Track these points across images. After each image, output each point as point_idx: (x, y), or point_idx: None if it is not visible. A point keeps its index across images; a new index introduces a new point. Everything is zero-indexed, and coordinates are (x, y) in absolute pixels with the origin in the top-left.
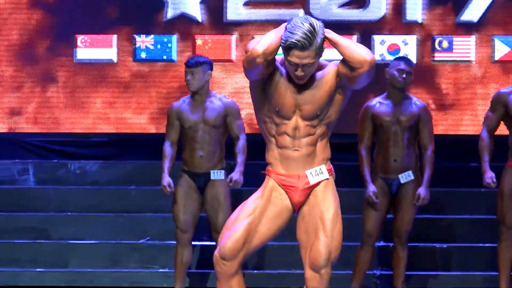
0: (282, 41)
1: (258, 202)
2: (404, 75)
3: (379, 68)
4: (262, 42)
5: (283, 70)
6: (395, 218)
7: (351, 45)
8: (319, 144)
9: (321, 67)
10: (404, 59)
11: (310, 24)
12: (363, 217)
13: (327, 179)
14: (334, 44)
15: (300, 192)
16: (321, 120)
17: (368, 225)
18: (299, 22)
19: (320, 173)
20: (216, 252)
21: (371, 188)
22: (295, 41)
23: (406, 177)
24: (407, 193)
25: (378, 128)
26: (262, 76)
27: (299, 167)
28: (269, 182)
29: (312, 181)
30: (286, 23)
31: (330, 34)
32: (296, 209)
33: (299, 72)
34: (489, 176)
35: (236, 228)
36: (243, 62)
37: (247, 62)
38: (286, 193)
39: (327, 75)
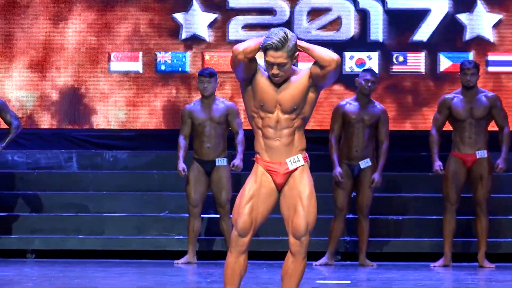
0: (261, 44)
1: (255, 188)
2: (369, 84)
3: (350, 77)
4: (243, 44)
5: (265, 73)
6: (357, 196)
7: (320, 49)
8: (296, 136)
9: (296, 73)
10: (370, 71)
11: (284, 32)
12: (334, 195)
13: (303, 165)
14: (306, 50)
15: (281, 176)
16: (298, 114)
17: (338, 201)
18: (275, 30)
19: (297, 160)
20: (234, 232)
21: (338, 169)
22: (270, 43)
23: (365, 163)
24: (366, 176)
25: (346, 124)
26: (248, 74)
27: (281, 155)
28: (259, 169)
29: (291, 167)
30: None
31: (302, 43)
32: (279, 189)
33: (275, 70)
34: (438, 164)
35: (244, 212)
36: (230, 62)
37: (232, 61)
38: (271, 177)
39: (302, 77)
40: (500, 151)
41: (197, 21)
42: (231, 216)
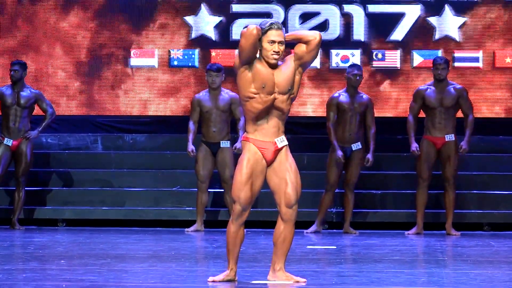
0: (262, 27)
1: (250, 165)
2: (357, 78)
3: (336, 72)
4: (251, 25)
5: (260, 61)
6: (346, 173)
7: (303, 31)
8: (282, 119)
9: (282, 60)
10: (356, 66)
11: (275, 20)
12: (327, 173)
13: (287, 144)
14: (294, 39)
15: (271, 153)
16: (290, 95)
17: (331, 178)
18: (267, 20)
19: (283, 140)
20: (237, 207)
21: (339, 152)
22: (274, 23)
23: (356, 146)
24: (356, 156)
25: (340, 112)
26: (255, 52)
27: (270, 136)
28: (251, 147)
29: (279, 146)
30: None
31: (288, 35)
32: (268, 164)
33: (277, 48)
34: (414, 146)
35: (244, 189)
36: (241, 41)
37: (246, 38)
38: (262, 154)
39: (289, 62)
40: (464, 135)
41: (205, 23)
42: None
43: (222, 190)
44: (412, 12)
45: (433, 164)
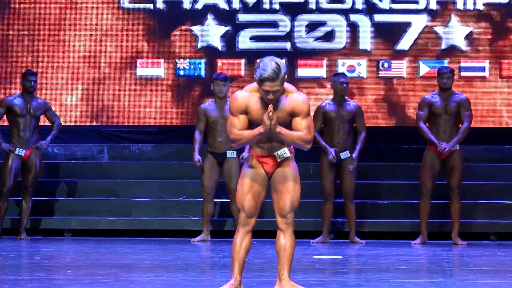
0: (257, 76)
1: (252, 176)
2: (344, 85)
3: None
4: (238, 141)
5: (253, 99)
6: (341, 183)
7: (294, 137)
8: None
9: (286, 91)
10: (342, 74)
11: (276, 63)
12: (322, 182)
13: (289, 156)
14: (282, 136)
15: (271, 166)
16: (287, 126)
17: (326, 187)
18: (268, 62)
19: (284, 153)
20: (242, 215)
21: (331, 150)
22: (266, 76)
23: (345, 154)
24: (346, 165)
25: (327, 121)
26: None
27: (273, 150)
28: (253, 160)
29: (279, 160)
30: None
31: (281, 129)
32: (269, 176)
33: (271, 96)
34: (440, 144)
35: (249, 198)
36: (228, 129)
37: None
38: (262, 167)
39: (287, 107)
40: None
41: (211, 33)
42: None
43: (229, 200)
44: (419, 22)
45: (437, 175)
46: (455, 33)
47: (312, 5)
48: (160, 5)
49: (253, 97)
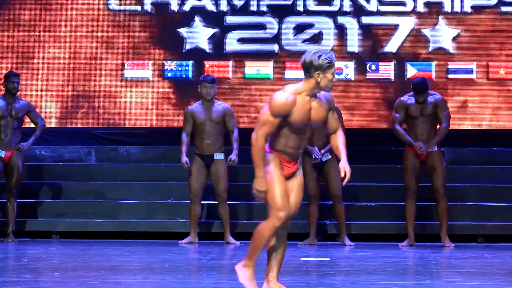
0: (327, 61)
1: (283, 181)
2: None
3: None
4: (252, 145)
5: (300, 100)
6: (328, 186)
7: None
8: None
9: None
10: None
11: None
12: (306, 185)
13: (301, 164)
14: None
15: (290, 172)
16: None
17: (310, 189)
18: (321, 49)
19: (300, 162)
20: (277, 225)
21: (316, 150)
22: (334, 60)
23: (326, 156)
24: (329, 166)
25: None
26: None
27: (296, 158)
28: (278, 162)
29: (298, 166)
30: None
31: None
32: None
33: (334, 82)
34: (417, 144)
35: (288, 209)
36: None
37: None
38: (283, 169)
39: (325, 103)
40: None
41: (199, 35)
42: (234, 203)
43: (216, 202)
44: (406, 24)
45: (420, 175)
46: (443, 35)
47: (300, 7)
48: (148, 7)
49: (298, 99)
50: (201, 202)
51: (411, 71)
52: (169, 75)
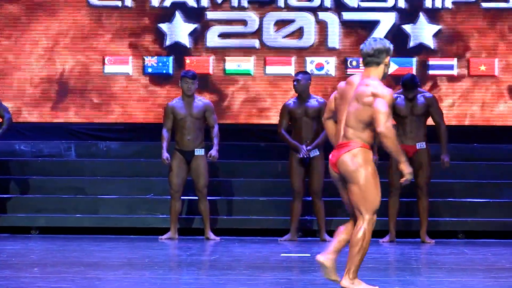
0: (391, 50)
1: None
2: (295, 83)
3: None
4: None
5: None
6: (310, 181)
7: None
8: None
9: None
10: (301, 72)
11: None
12: (291, 180)
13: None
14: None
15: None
16: None
17: (295, 185)
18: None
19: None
20: (375, 219)
21: (302, 147)
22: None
23: (313, 152)
24: (316, 163)
25: (293, 119)
26: None
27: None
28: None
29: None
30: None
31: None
32: None
33: None
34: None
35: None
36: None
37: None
38: None
39: None
40: (441, 146)
41: (179, 30)
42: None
43: (196, 198)
44: (387, 20)
45: None
46: (424, 31)
47: (281, 3)
48: (129, 2)
49: None
50: (181, 198)
51: (391, 67)
52: (150, 70)
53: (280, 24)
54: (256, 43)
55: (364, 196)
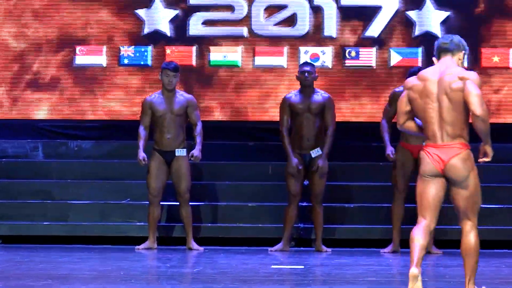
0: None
1: None
2: (306, 75)
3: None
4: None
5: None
6: (310, 184)
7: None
8: None
9: None
10: (306, 63)
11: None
12: (287, 183)
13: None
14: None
15: None
16: None
17: (292, 188)
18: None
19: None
20: None
21: (294, 160)
22: None
23: (315, 152)
24: (318, 164)
25: (294, 114)
26: None
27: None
28: None
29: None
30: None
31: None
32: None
33: None
34: (390, 149)
35: None
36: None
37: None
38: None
39: None
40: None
41: (159, 17)
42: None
43: (177, 203)
44: (390, 6)
45: (410, 174)
46: (430, 18)
47: None
48: None
49: None
50: (161, 203)
51: (395, 58)
52: (126, 61)
53: (271, 10)
54: (244, 31)
55: (474, 201)
